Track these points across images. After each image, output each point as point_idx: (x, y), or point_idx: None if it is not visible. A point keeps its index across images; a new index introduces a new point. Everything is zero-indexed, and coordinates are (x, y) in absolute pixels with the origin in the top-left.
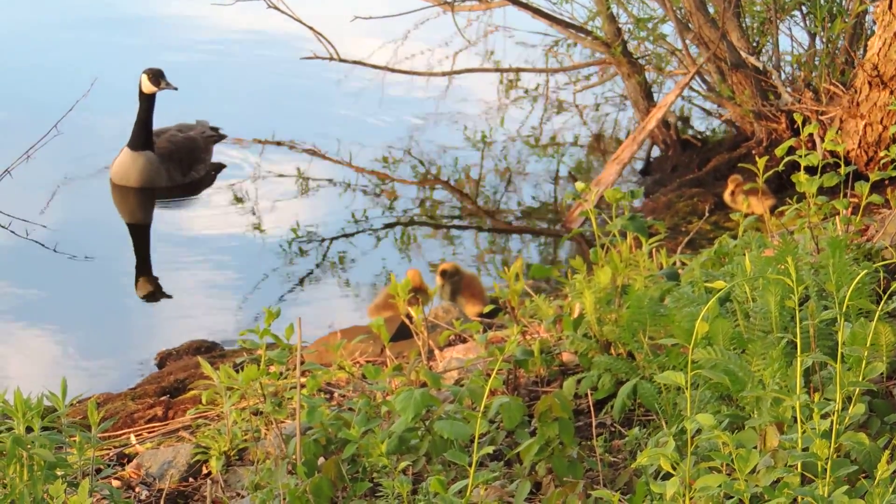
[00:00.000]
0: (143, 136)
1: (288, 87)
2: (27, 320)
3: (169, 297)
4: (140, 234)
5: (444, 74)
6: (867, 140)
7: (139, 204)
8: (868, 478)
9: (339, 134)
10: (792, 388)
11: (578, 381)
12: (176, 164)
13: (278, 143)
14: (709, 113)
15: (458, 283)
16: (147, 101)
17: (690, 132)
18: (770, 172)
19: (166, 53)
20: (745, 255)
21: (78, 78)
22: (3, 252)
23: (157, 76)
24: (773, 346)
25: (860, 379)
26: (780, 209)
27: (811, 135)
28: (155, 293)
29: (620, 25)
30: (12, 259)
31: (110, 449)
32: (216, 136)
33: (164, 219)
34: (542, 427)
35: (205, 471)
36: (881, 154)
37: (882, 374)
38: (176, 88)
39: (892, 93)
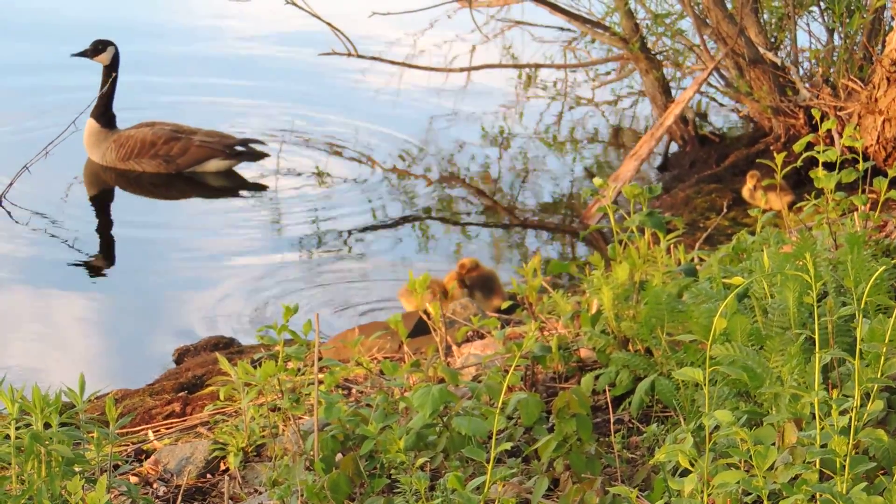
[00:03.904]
0: (98, 106)
1: (306, 83)
2: (45, 317)
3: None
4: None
5: (461, 70)
6: (885, 136)
7: (92, 176)
8: (887, 474)
9: (357, 130)
10: (810, 384)
11: (596, 378)
12: (117, 148)
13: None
14: (727, 108)
15: (476, 279)
16: (106, 74)
17: (708, 128)
18: (788, 168)
19: (183, 47)
20: (763, 251)
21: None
22: (21, 248)
23: (95, 51)
24: (791, 342)
25: (879, 375)
26: (799, 205)
27: (829, 131)
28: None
29: (638, 21)
30: (30, 256)
31: (128, 445)
32: (213, 149)
33: (179, 212)
34: (559, 423)
35: (223, 467)
36: None
37: None
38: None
39: None
